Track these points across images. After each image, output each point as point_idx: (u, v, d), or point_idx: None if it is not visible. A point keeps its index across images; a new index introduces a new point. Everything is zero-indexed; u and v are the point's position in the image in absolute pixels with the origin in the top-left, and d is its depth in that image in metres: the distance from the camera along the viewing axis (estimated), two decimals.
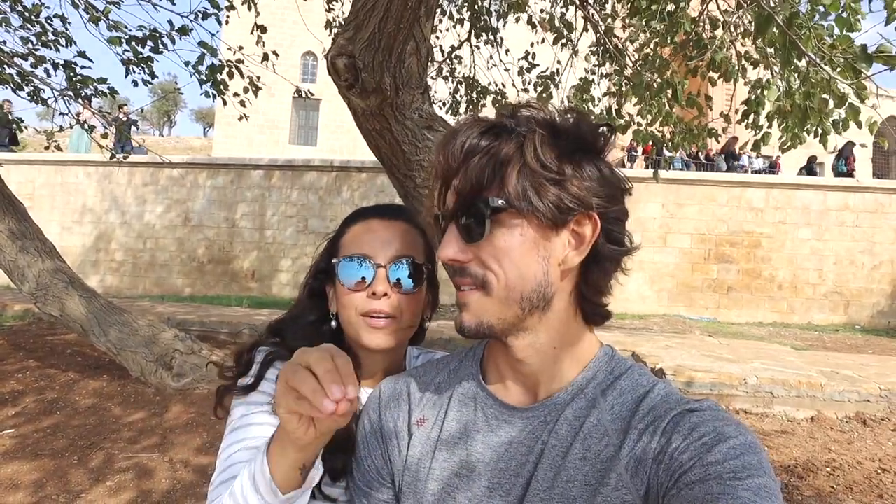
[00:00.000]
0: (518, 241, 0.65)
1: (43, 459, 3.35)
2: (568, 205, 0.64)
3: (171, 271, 11.30)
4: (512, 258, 0.65)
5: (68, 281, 4.57)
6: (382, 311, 0.90)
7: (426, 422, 0.77)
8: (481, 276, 0.66)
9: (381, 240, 0.93)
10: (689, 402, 0.65)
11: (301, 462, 0.71)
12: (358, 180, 11.09)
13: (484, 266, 0.66)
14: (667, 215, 10.60)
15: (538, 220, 0.64)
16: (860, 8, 2.21)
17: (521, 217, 0.64)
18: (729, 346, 6.47)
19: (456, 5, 5.62)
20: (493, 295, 0.66)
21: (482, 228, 0.65)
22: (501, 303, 0.66)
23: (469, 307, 0.68)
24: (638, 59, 4.09)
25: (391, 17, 1.94)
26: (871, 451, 3.71)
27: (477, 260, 0.66)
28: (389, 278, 0.91)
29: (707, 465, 0.56)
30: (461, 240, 0.67)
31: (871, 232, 10.47)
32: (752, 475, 0.54)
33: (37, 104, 5.52)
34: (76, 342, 5.81)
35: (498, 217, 0.64)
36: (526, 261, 0.65)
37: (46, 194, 11.51)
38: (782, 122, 3.31)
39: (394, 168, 2.35)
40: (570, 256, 0.67)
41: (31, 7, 4.83)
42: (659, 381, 0.70)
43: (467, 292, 0.68)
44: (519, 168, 0.64)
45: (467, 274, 0.67)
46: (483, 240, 0.65)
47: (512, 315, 0.66)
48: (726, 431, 0.59)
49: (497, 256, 0.65)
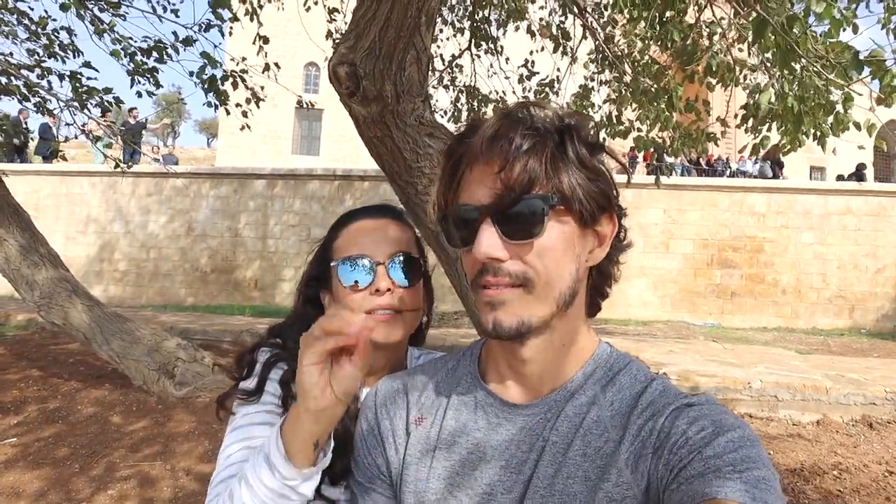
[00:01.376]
0: (562, 238, 0.65)
1: (45, 468, 3.35)
2: (602, 203, 0.67)
3: (174, 281, 11.33)
4: (554, 255, 0.65)
5: (72, 290, 4.59)
6: (388, 305, 0.91)
7: (424, 421, 0.77)
8: (522, 273, 0.64)
9: (376, 238, 0.95)
10: (686, 397, 0.66)
11: (315, 436, 0.71)
12: (360, 189, 11.13)
13: (524, 263, 0.64)
14: (669, 221, 10.60)
15: (579, 218, 0.66)
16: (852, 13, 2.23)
17: (567, 215, 0.65)
18: (733, 350, 6.45)
19: (457, 15, 5.67)
20: (534, 293, 0.65)
21: (537, 226, 0.64)
22: (541, 301, 0.65)
23: (507, 305, 0.65)
24: (636, 65, 4.12)
25: (391, 25, 1.96)
26: (878, 453, 3.69)
27: (516, 257, 0.65)
28: (389, 274, 0.92)
29: (706, 458, 0.56)
30: (502, 236, 0.64)
31: (873, 235, 10.45)
32: (750, 468, 0.55)
33: (43, 115, 5.58)
34: (79, 351, 5.83)
35: (550, 214, 0.64)
36: (565, 258, 0.66)
37: (51, 204, 11.59)
38: (781, 125, 3.32)
39: (395, 175, 2.37)
40: (596, 254, 0.69)
41: (38, 20, 4.89)
42: (656, 377, 0.71)
43: (504, 290, 0.65)
44: (567, 166, 0.65)
45: (503, 272, 0.65)
46: (524, 237, 0.64)
47: (549, 313, 0.66)
48: (724, 425, 0.59)
49: (540, 253, 0.64)
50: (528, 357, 0.70)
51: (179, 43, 4.61)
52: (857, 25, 2.08)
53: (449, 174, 0.70)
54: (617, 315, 10.15)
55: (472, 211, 0.66)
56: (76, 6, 4.49)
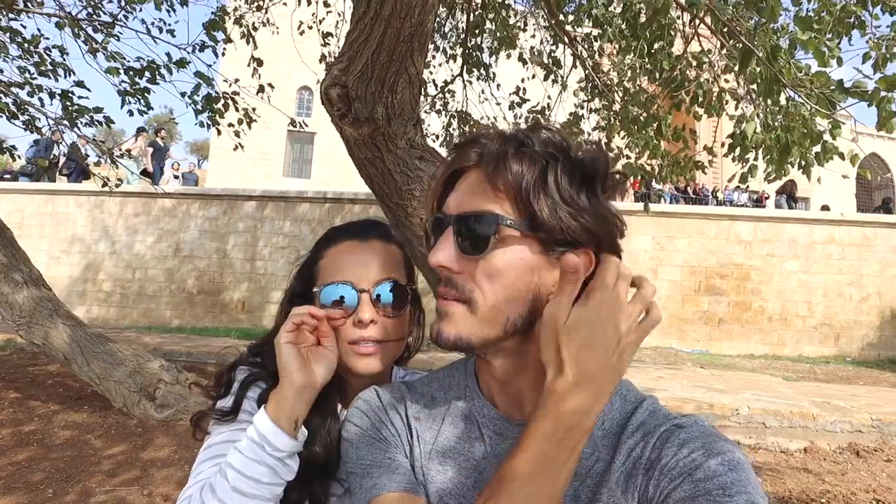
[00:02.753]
0: (515, 263, 0.63)
1: (17, 494, 3.23)
2: (574, 238, 0.62)
3: (160, 302, 11.17)
4: (504, 280, 0.63)
5: (53, 310, 4.51)
6: (370, 338, 0.88)
7: (422, 421, 0.76)
8: (468, 291, 0.63)
9: (361, 262, 0.90)
10: (676, 418, 0.65)
11: (297, 414, 0.80)
12: (351, 212, 11.13)
13: (473, 281, 0.63)
14: (657, 248, 10.70)
15: (540, 247, 0.63)
16: (835, 47, 2.30)
17: (524, 240, 0.63)
18: (721, 377, 6.46)
19: (449, 43, 5.78)
20: (476, 313, 0.63)
21: (483, 244, 0.62)
22: (484, 322, 0.63)
23: (450, 319, 0.65)
24: (624, 94, 4.20)
25: (384, 49, 1.99)
26: (865, 481, 3.67)
27: (467, 273, 0.64)
28: (374, 303, 0.89)
29: (696, 481, 0.56)
30: (457, 248, 0.64)
31: (857, 265, 10.60)
32: (740, 491, 0.54)
33: (31, 133, 5.55)
34: (58, 373, 5.69)
35: (502, 236, 0.62)
36: (518, 285, 0.63)
37: (35, 224, 11.45)
38: (766, 154, 3.39)
39: (385, 197, 2.37)
40: None
41: (30, 38, 4.90)
42: (647, 397, 0.71)
43: (451, 303, 0.65)
44: (538, 192, 0.62)
45: (454, 285, 0.65)
46: (478, 253, 0.63)
47: (494, 335, 0.64)
48: (714, 448, 0.59)
49: (490, 274, 0.63)
50: (500, 375, 0.69)
51: (173, 64, 4.64)
52: (842, 59, 2.14)
53: (441, 184, 0.70)
54: None
55: (441, 219, 0.67)
56: (70, 25, 4.51)
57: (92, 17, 4.96)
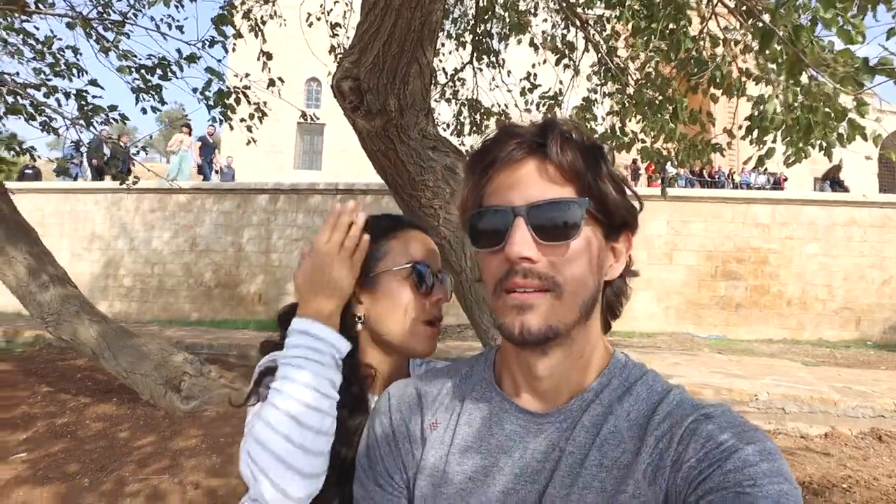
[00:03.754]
0: (590, 247, 0.66)
1: (55, 484, 3.34)
2: (627, 219, 0.69)
3: (179, 296, 11.34)
4: (581, 263, 0.66)
5: (80, 306, 4.61)
6: (441, 317, 0.95)
7: (438, 426, 0.76)
8: (552, 277, 0.64)
9: (428, 251, 0.97)
10: (704, 408, 0.64)
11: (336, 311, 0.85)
12: (363, 203, 11.17)
13: (554, 268, 0.65)
14: (672, 233, 10.59)
15: (602, 230, 0.68)
16: (861, 24, 2.24)
17: (597, 224, 0.67)
18: (739, 362, 6.41)
19: (458, 29, 5.73)
20: (562, 299, 0.65)
21: (574, 229, 0.64)
22: (568, 307, 0.65)
23: (535, 310, 0.64)
24: (639, 77, 4.14)
25: (395, 40, 1.98)
26: (888, 466, 3.64)
27: (547, 261, 0.65)
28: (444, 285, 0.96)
29: (726, 472, 0.55)
30: (535, 237, 0.64)
31: (879, 247, 10.40)
32: (772, 482, 0.54)
33: (48, 134, 5.63)
34: (86, 367, 5.83)
35: (579, 219, 0.65)
36: (590, 268, 0.67)
37: (55, 222, 11.65)
38: (786, 136, 3.32)
39: (399, 188, 2.38)
40: (614, 269, 0.71)
41: (43, 39, 4.96)
42: (674, 387, 0.70)
43: (532, 294, 0.64)
44: (603, 177, 0.67)
45: (535, 275, 0.64)
46: (557, 240, 0.64)
47: (573, 321, 0.66)
48: (745, 438, 0.58)
49: (570, 259, 0.65)
50: (544, 366, 0.68)
51: (183, 60, 4.66)
52: (865, 35, 2.08)
53: (478, 175, 0.70)
54: (621, 327, 10.10)
55: (502, 211, 0.66)
56: (82, 25, 4.55)
57: (102, 16, 4.99)
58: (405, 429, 0.78)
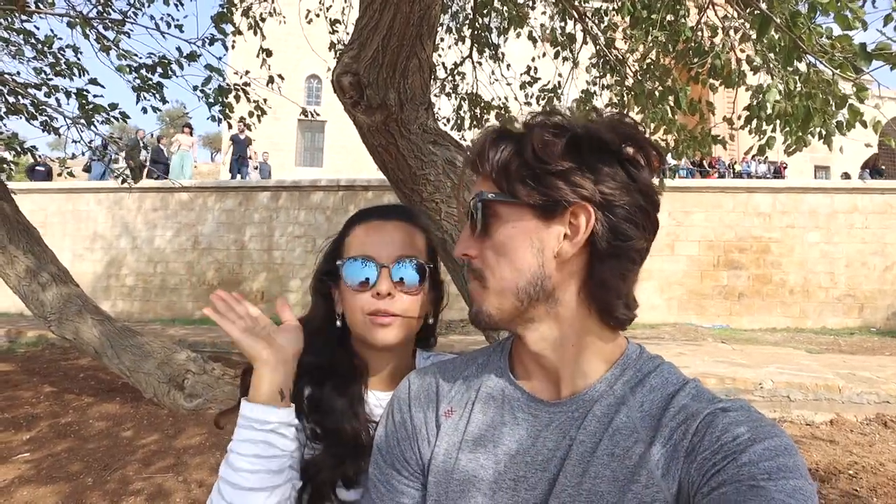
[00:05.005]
0: (510, 233, 0.68)
1: (59, 483, 3.36)
2: (559, 196, 0.65)
3: (182, 295, 11.37)
4: (506, 250, 0.68)
5: (82, 305, 4.62)
6: (387, 310, 0.92)
7: (453, 413, 0.77)
8: (479, 269, 0.71)
9: (384, 240, 0.95)
10: (720, 402, 0.64)
11: (275, 386, 0.85)
12: (364, 199, 11.16)
13: (482, 260, 0.70)
14: (673, 223, 10.57)
15: (531, 212, 0.67)
16: (859, 9, 2.23)
17: (512, 208, 0.68)
18: (742, 351, 6.41)
19: (457, 23, 5.71)
20: (488, 286, 0.70)
21: (481, 221, 0.70)
22: (497, 294, 0.69)
23: (473, 296, 0.73)
24: (639, 69, 4.13)
25: (394, 34, 1.98)
26: (894, 452, 3.65)
27: (479, 253, 0.71)
28: (393, 277, 0.92)
29: (741, 465, 0.55)
30: (470, 235, 0.72)
31: (881, 233, 10.38)
32: (786, 477, 0.53)
33: (49, 133, 5.64)
34: (89, 366, 5.85)
35: (493, 210, 0.69)
36: (519, 253, 0.68)
37: (58, 222, 11.67)
38: (785, 125, 3.31)
39: (400, 183, 2.38)
40: (565, 248, 0.67)
41: (44, 39, 4.96)
42: (690, 380, 0.70)
43: (471, 284, 0.73)
44: (517, 163, 0.68)
45: (472, 268, 0.72)
46: (484, 233, 0.70)
47: (510, 306, 0.69)
48: (761, 432, 0.58)
49: (494, 249, 0.69)
50: (536, 350, 0.72)
51: (184, 58, 4.66)
52: (866, 22, 2.07)
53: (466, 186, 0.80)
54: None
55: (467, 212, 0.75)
56: (81, 25, 4.55)
57: (102, 15, 4.99)
58: (422, 416, 0.79)
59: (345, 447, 0.90)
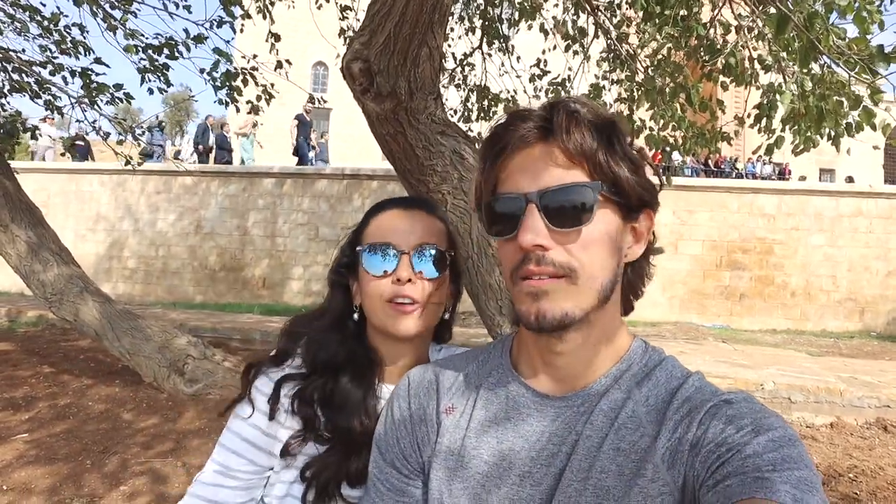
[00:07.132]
0: (606, 230, 0.65)
1: (57, 464, 3.36)
2: (645, 198, 0.67)
3: (183, 279, 11.38)
4: (598, 247, 0.65)
5: (83, 287, 4.61)
6: (408, 295, 0.90)
7: (455, 410, 0.76)
8: (566, 263, 0.64)
9: (404, 228, 0.94)
10: (724, 394, 0.64)
11: None
12: (369, 188, 11.14)
13: (569, 254, 0.64)
14: (678, 222, 10.55)
15: (618, 210, 0.66)
16: (877, 9, 2.20)
17: (613, 206, 0.66)
18: (743, 352, 6.41)
19: (469, 12, 5.65)
20: (578, 284, 0.64)
21: (586, 214, 0.63)
22: (584, 293, 0.64)
23: (550, 297, 0.64)
24: (650, 64, 4.09)
25: (407, 21, 1.95)
26: (893, 456, 3.65)
27: (561, 248, 0.64)
28: (413, 265, 0.91)
29: (745, 457, 0.55)
30: (547, 224, 0.64)
31: (885, 238, 10.35)
32: (791, 468, 0.53)
33: (52, 112, 5.61)
34: (89, 348, 5.86)
35: (591, 201, 0.64)
36: (608, 251, 0.65)
37: (60, 202, 11.66)
38: (795, 125, 3.28)
39: (407, 173, 2.35)
40: (634, 250, 0.69)
41: (50, 16, 4.91)
42: (693, 373, 0.69)
43: (546, 281, 0.64)
44: (616, 157, 0.65)
45: (548, 262, 0.64)
46: (571, 225, 0.63)
47: (590, 306, 0.65)
48: (765, 423, 0.57)
49: (585, 244, 0.64)
50: (563, 351, 0.69)
51: (191, 40, 4.62)
52: (884, 22, 2.04)
53: (490, 162, 0.69)
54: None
55: (515, 198, 0.66)
56: (89, 2, 4.51)
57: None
58: (422, 412, 0.78)
59: (353, 444, 0.89)
